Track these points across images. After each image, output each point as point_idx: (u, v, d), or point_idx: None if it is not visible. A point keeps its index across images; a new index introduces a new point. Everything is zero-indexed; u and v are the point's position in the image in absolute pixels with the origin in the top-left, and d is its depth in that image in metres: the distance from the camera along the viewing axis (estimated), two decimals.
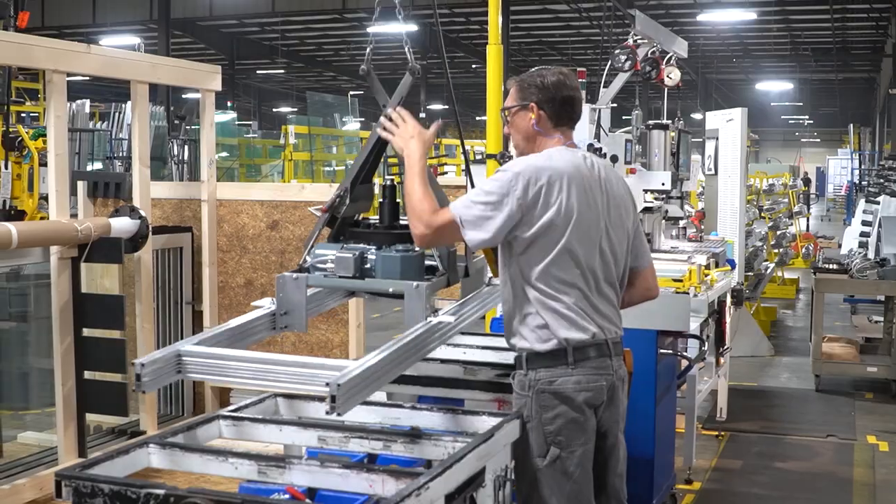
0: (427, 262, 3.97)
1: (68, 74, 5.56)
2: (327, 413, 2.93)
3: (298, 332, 4.13)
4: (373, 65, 4.25)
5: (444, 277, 3.96)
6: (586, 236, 3.65)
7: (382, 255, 3.86)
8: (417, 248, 3.83)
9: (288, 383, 3.15)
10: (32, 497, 5.32)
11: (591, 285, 3.69)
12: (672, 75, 8.34)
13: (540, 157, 3.68)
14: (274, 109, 46.70)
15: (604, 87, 8.08)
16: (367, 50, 4.22)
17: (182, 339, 6.77)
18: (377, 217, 4.11)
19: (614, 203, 3.79)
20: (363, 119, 24.54)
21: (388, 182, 4.07)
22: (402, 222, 3.99)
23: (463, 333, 4.95)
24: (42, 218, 8.69)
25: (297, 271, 3.96)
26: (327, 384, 2.91)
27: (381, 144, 4.07)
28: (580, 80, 8.61)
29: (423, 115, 36.48)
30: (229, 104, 31.41)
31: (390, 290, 3.85)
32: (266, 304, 3.93)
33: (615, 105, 8.18)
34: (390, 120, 3.91)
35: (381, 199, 4.06)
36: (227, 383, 3.46)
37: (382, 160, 4.28)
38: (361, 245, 3.96)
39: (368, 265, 3.88)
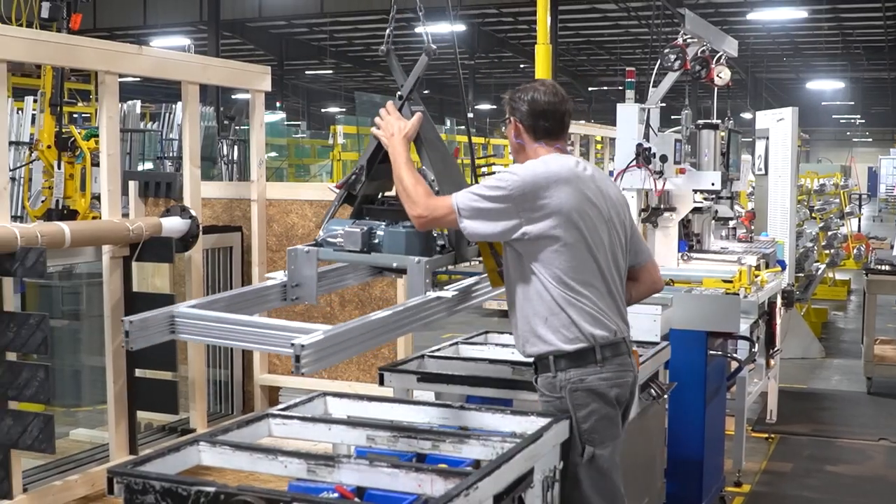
0: (441, 242, 4.07)
1: (120, 75, 5.61)
2: (293, 373, 3.14)
3: (308, 303, 4.25)
4: (392, 46, 4.40)
5: (450, 255, 4.04)
6: (595, 234, 3.78)
7: (389, 231, 3.99)
8: None
9: (260, 344, 3.41)
10: (84, 493, 5.37)
11: (606, 283, 3.81)
12: (722, 74, 8.29)
13: (537, 162, 3.82)
14: (322, 110, 46.88)
15: (653, 86, 8.04)
16: (388, 31, 4.44)
17: None
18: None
19: (610, 203, 3.90)
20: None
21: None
22: None
23: (511, 334, 4.95)
24: (94, 217, 8.77)
25: (311, 245, 4.11)
26: (292, 345, 3.11)
27: None
28: (629, 79, 8.62)
29: (470, 114, 36.49)
30: (278, 104, 31.57)
31: (394, 264, 3.99)
32: (279, 276, 4.09)
33: (664, 104, 8.14)
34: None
35: None
36: (212, 343, 3.67)
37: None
38: (373, 221, 4.09)
39: (376, 240, 4.01)
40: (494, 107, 43.97)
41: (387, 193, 4.30)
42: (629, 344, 3.89)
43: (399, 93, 4.28)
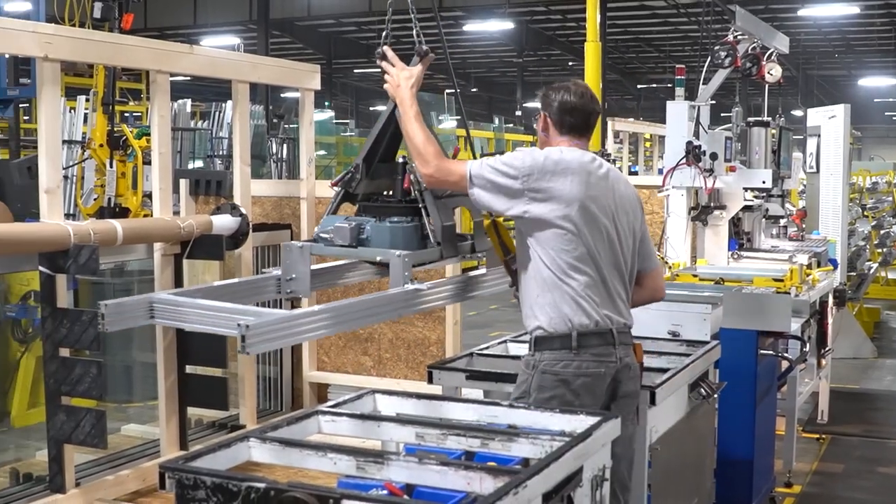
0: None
1: (171, 74, 5.66)
2: (238, 352, 3.37)
3: (303, 297, 4.43)
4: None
5: (435, 250, 4.17)
6: (593, 225, 3.90)
7: (375, 226, 4.16)
8: (410, 220, 4.14)
9: (214, 326, 3.69)
10: (135, 488, 5.43)
11: (600, 273, 3.92)
12: (773, 71, 8.21)
13: (553, 149, 4.01)
14: (371, 108, 46.99)
15: (703, 83, 7.98)
16: (384, 32, 4.59)
17: None
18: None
19: (621, 202, 4.04)
20: (459, 117, 24.50)
21: (402, 160, 4.30)
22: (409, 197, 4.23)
23: None
24: (146, 215, 8.85)
25: (307, 241, 4.32)
26: (238, 325, 3.34)
27: (394, 122, 4.27)
28: (679, 76, 8.57)
29: (518, 112, 36.46)
30: (327, 103, 31.72)
31: (378, 258, 4.17)
32: (275, 271, 4.34)
33: (714, 102, 8.08)
34: (385, 59, 4.29)
35: (396, 176, 4.31)
36: (182, 326, 4.10)
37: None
38: (364, 217, 4.24)
39: (365, 235, 4.17)
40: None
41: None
42: (619, 335, 3.95)
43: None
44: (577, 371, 3.86)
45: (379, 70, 4.39)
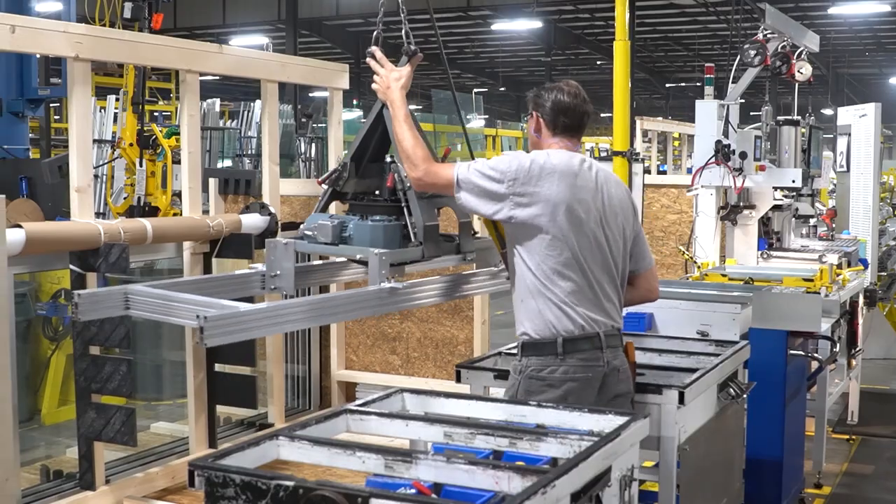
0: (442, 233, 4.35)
1: (201, 74, 5.68)
2: (197, 343, 3.38)
3: (287, 293, 4.45)
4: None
5: (417, 249, 4.21)
6: (579, 229, 3.89)
7: (358, 224, 4.22)
8: (393, 219, 4.20)
9: (179, 318, 3.70)
10: (165, 485, 5.45)
11: (586, 277, 3.92)
12: (803, 70, 8.17)
13: (540, 153, 4.00)
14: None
15: (732, 82, 7.95)
16: (375, 33, 4.66)
17: (310, 331, 6.92)
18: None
19: (610, 204, 4.02)
20: (487, 116, 24.50)
21: (389, 159, 4.36)
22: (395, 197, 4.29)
23: None
24: (175, 214, 8.89)
25: (291, 238, 4.36)
26: (197, 317, 3.39)
27: (382, 121, 4.32)
28: (708, 75, 8.54)
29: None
30: (355, 102, 31.75)
31: (358, 256, 4.23)
32: (260, 266, 4.39)
33: (743, 101, 8.05)
34: (374, 59, 4.36)
35: (385, 176, 4.35)
36: (151, 317, 3.99)
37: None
38: (348, 216, 4.30)
39: (347, 233, 4.23)
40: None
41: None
42: (607, 338, 3.95)
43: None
44: (564, 376, 3.88)
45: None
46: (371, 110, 4.43)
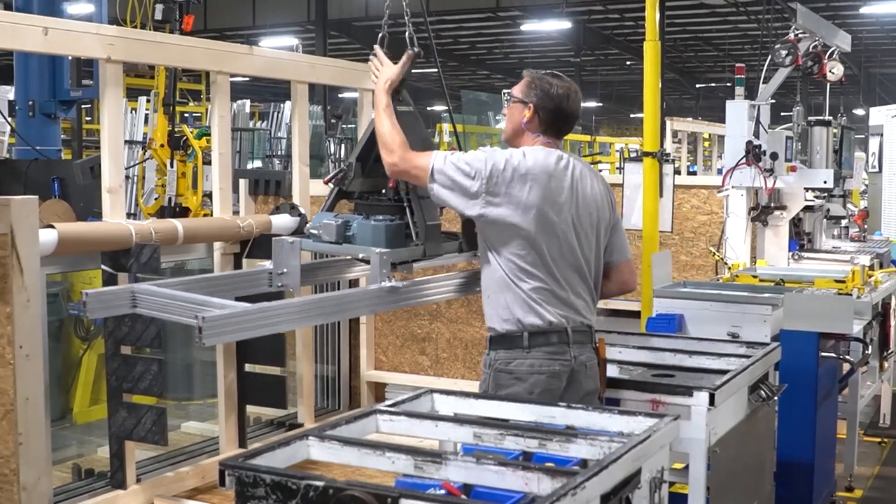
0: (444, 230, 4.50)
1: (231, 75, 5.70)
2: (196, 343, 3.53)
3: (293, 290, 4.65)
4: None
5: (417, 248, 4.31)
6: (549, 231, 3.93)
7: (361, 223, 4.31)
8: (396, 219, 4.30)
9: (181, 315, 3.76)
10: (195, 485, 5.48)
11: (554, 277, 3.96)
12: (834, 70, 8.13)
13: (518, 151, 3.99)
14: (428, 108, 47.07)
15: (763, 82, 7.92)
16: (381, 35, 4.67)
17: (339, 331, 6.94)
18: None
19: (584, 202, 4.05)
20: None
21: None
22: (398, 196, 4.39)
23: (619, 333, 4.93)
24: (205, 215, 8.93)
25: (297, 236, 4.51)
26: (196, 317, 3.48)
27: None
28: (738, 76, 8.50)
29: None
30: None
31: (360, 255, 4.37)
32: (268, 264, 4.53)
33: (774, 101, 8.01)
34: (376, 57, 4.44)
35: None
36: (156, 316, 4.15)
37: None
38: (352, 215, 4.41)
39: (351, 232, 4.32)
40: (600, 104, 43.65)
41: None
42: (574, 333, 4.00)
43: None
44: (531, 369, 3.94)
45: (434, 70, 4.48)
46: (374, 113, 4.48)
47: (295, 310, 3.94)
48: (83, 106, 17.44)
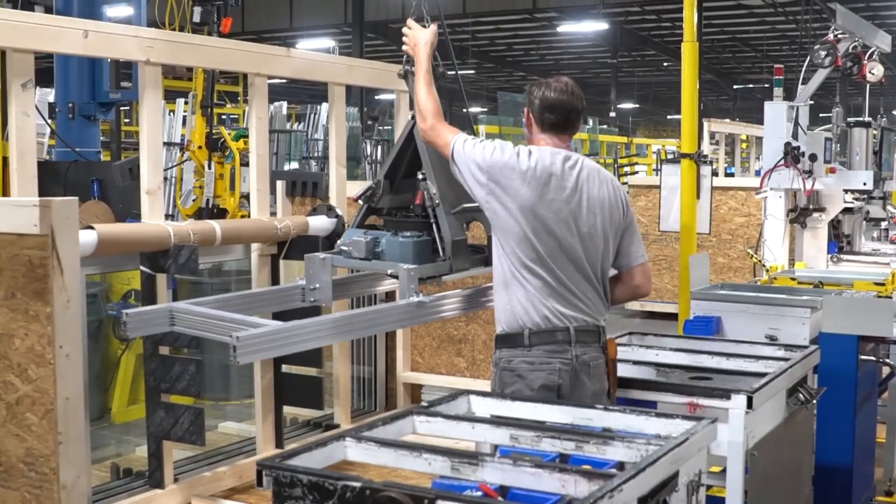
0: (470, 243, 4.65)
1: (269, 77, 5.73)
2: (230, 361, 3.72)
3: (326, 305, 4.82)
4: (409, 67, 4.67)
5: (444, 264, 4.46)
6: (546, 230, 3.98)
7: (389, 240, 4.46)
8: (423, 235, 4.45)
9: (217, 334, 4.00)
10: (232, 484, 5.50)
11: (554, 275, 4.00)
12: (874, 71, 8.07)
13: (524, 149, 4.09)
14: (464, 110, 46.98)
15: (802, 83, 7.86)
16: (405, 58, 4.69)
17: (376, 333, 6.94)
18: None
19: (588, 204, 4.08)
20: None
21: (420, 176, 4.54)
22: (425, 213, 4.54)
23: (656, 335, 4.92)
24: (243, 216, 8.97)
25: (329, 253, 4.66)
26: (230, 335, 3.67)
27: (413, 140, 4.57)
28: (777, 76, 8.45)
29: (612, 113, 36.24)
30: None
31: (389, 271, 4.51)
32: (300, 280, 4.72)
33: (813, 102, 7.96)
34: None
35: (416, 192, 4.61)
36: (195, 334, 4.38)
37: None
38: (381, 231, 4.56)
39: (380, 248, 4.47)
40: (637, 105, 43.51)
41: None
42: (577, 333, 4.02)
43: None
44: (531, 367, 3.99)
45: (472, 71, 4.55)
46: (402, 130, 4.69)
47: (325, 327, 4.12)
48: (122, 108, 17.55)
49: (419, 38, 4.50)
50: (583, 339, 4.04)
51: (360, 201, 4.67)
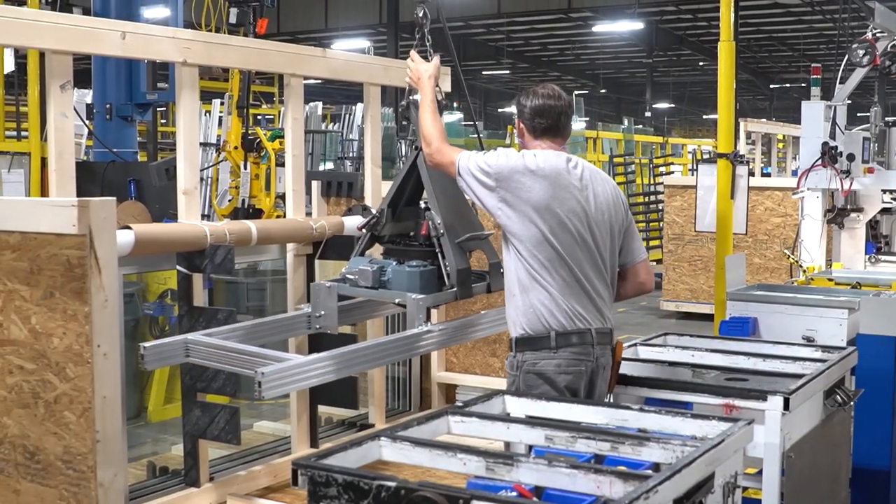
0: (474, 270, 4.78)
1: (305, 78, 5.74)
2: (255, 397, 3.94)
3: (331, 332, 5.01)
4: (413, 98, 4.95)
5: (451, 292, 4.60)
6: (563, 228, 4.06)
7: (396, 269, 4.60)
8: (428, 264, 4.59)
9: (240, 367, 4.24)
10: (267, 483, 5.52)
11: (573, 274, 4.07)
12: None
13: (528, 152, 4.19)
14: (499, 110, 47.02)
15: (839, 83, 7.81)
16: (408, 89, 4.96)
17: None
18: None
19: (596, 202, 4.18)
20: (588, 119, 24.36)
21: (423, 205, 4.69)
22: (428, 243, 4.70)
23: (692, 336, 4.90)
24: (278, 216, 9.00)
25: (334, 281, 4.81)
26: (255, 371, 3.90)
27: (416, 169, 4.77)
28: (814, 76, 8.39)
29: (647, 113, 36.09)
30: (455, 105, 31.85)
31: (396, 300, 4.62)
32: (305, 307, 4.95)
33: (850, 101, 7.90)
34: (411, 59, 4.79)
35: (419, 220, 4.79)
36: (212, 366, 4.59)
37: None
38: (386, 260, 4.70)
39: (386, 277, 4.60)
40: (673, 105, 43.32)
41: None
42: (598, 335, 4.10)
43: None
44: (558, 369, 4.04)
45: (507, 71, 4.61)
46: (406, 159, 4.89)
47: (344, 359, 4.31)
48: (159, 109, 17.64)
49: (423, 70, 4.68)
50: (601, 340, 4.13)
51: (364, 230, 4.82)
